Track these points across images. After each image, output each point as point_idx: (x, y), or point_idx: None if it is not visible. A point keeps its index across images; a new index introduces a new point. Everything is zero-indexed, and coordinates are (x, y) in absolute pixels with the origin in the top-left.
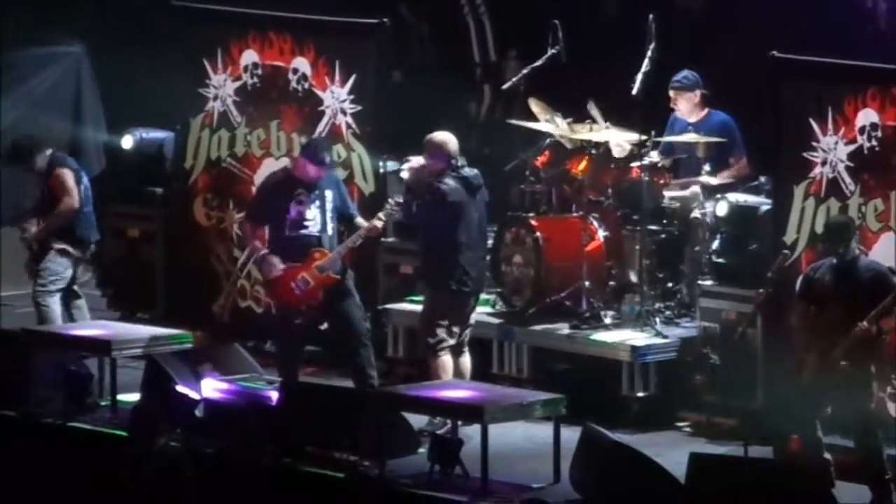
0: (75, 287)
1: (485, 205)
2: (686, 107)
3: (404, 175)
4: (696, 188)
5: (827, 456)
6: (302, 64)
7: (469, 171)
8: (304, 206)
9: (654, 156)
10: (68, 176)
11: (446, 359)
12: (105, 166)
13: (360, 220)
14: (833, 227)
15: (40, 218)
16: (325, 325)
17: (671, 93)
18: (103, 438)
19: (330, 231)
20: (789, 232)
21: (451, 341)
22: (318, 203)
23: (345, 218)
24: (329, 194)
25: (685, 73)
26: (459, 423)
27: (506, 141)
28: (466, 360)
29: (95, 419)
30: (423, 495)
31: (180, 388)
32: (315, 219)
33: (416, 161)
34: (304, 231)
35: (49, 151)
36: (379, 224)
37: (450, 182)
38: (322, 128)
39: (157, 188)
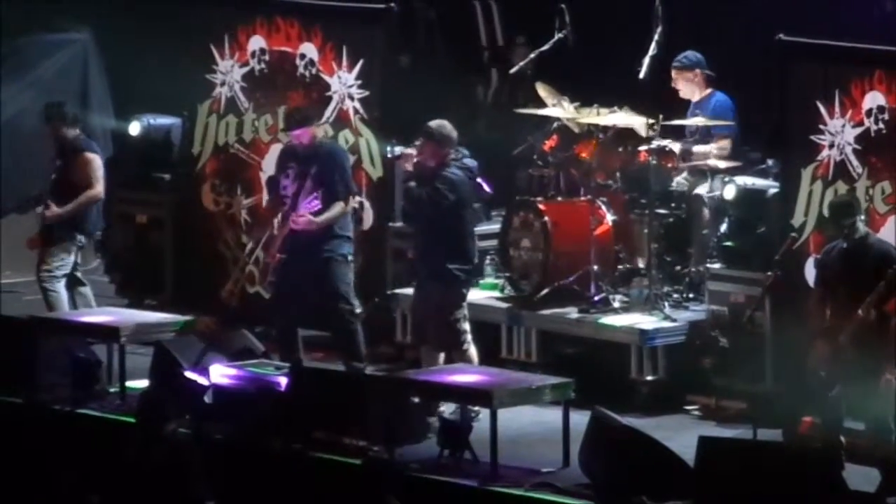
0: (78, 273)
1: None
2: (686, 87)
3: (408, 167)
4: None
5: (842, 438)
6: (309, 49)
7: (470, 162)
8: (287, 179)
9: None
10: (99, 163)
11: (474, 349)
12: (113, 152)
13: (337, 206)
14: (834, 208)
15: (57, 196)
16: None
17: (672, 73)
18: (111, 425)
19: (301, 207)
20: (797, 215)
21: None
22: (293, 176)
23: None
24: (313, 169)
25: (686, 53)
26: (477, 410)
27: (513, 125)
28: (474, 350)
29: (104, 406)
30: (432, 480)
31: (189, 375)
32: (287, 192)
33: (413, 152)
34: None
35: (78, 131)
36: (302, 221)
37: (456, 171)
38: (329, 113)
39: (165, 174)
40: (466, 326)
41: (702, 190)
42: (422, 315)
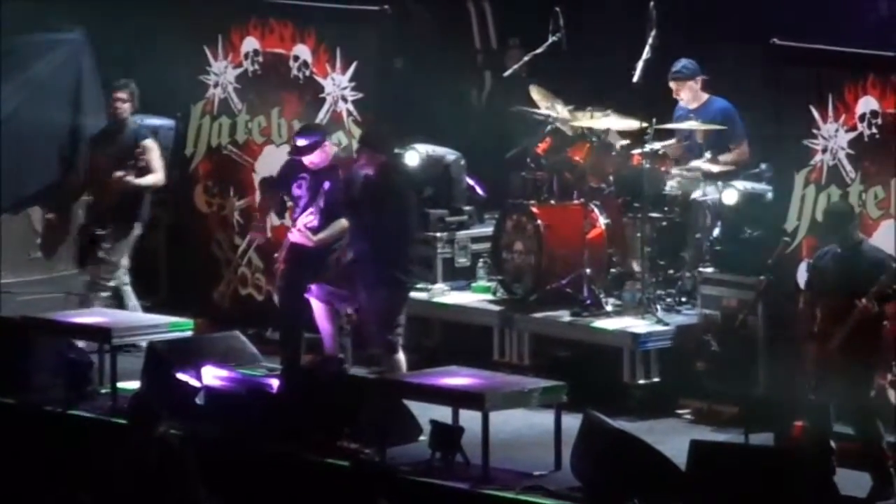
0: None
1: None
2: (688, 95)
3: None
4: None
5: (832, 444)
6: (303, 51)
7: (413, 165)
8: (300, 190)
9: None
10: (158, 152)
11: (402, 355)
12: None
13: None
14: (831, 215)
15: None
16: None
17: (672, 84)
18: (103, 426)
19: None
20: (790, 219)
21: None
22: (305, 187)
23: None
24: (325, 185)
25: (683, 62)
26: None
27: (507, 128)
28: (402, 356)
29: (95, 407)
30: (423, 482)
31: (181, 376)
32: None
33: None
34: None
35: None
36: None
37: (395, 177)
38: (323, 115)
39: None
40: (401, 330)
41: (696, 194)
42: (362, 319)
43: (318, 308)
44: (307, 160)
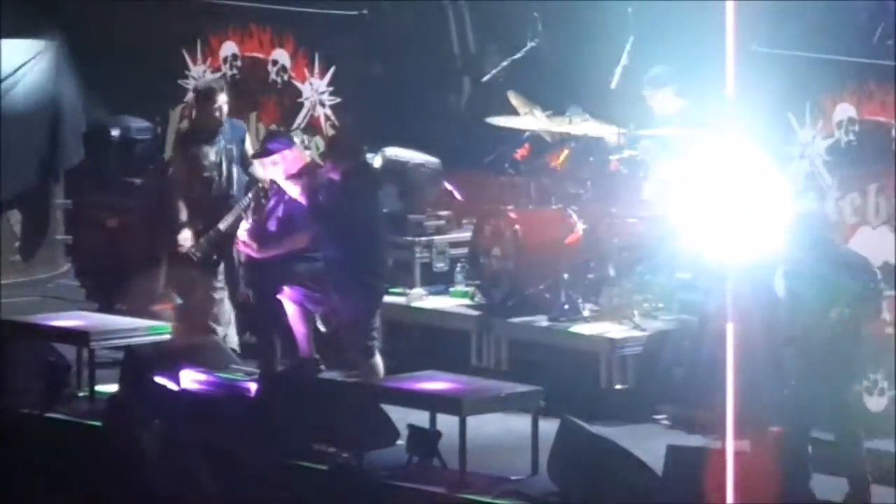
0: None
1: None
2: (661, 104)
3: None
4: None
5: (809, 448)
6: (281, 56)
7: (375, 165)
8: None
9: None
10: None
11: (379, 359)
12: (84, 157)
13: None
14: (808, 218)
15: None
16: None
17: (645, 92)
18: (81, 429)
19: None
20: None
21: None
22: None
23: None
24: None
25: (655, 71)
26: None
27: (485, 133)
28: (380, 360)
29: (73, 410)
30: (400, 487)
31: (158, 380)
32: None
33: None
34: None
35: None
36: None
37: (361, 182)
38: (301, 119)
39: (136, 179)
40: (377, 334)
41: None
42: (336, 326)
43: (291, 310)
44: (269, 165)
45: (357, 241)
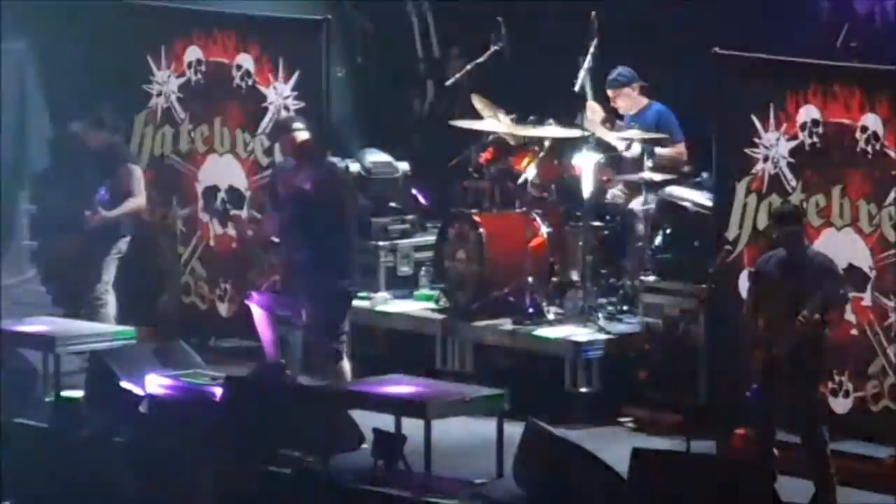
0: None
1: None
2: (625, 103)
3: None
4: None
5: (775, 451)
6: (246, 60)
7: (341, 165)
8: None
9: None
10: (140, 175)
11: (347, 363)
12: (50, 162)
13: None
14: (778, 215)
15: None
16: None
17: (609, 92)
18: (46, 434)
19: None
20: (731, 228)
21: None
22: None
23: None
24: None
25: (619, 70)
26: None
27: (449, 137)
28: (347, 364)
29: (39, 415)
30: (366, 490)
31: (124, 384)
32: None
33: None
34: None
35: (117, 139)
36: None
37: (337, 182)
38: (265, 124)
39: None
40: (345, 338)
41: (636, 203)
42: (306, 328)
43: (258, 315)
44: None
45: (328, 246)
